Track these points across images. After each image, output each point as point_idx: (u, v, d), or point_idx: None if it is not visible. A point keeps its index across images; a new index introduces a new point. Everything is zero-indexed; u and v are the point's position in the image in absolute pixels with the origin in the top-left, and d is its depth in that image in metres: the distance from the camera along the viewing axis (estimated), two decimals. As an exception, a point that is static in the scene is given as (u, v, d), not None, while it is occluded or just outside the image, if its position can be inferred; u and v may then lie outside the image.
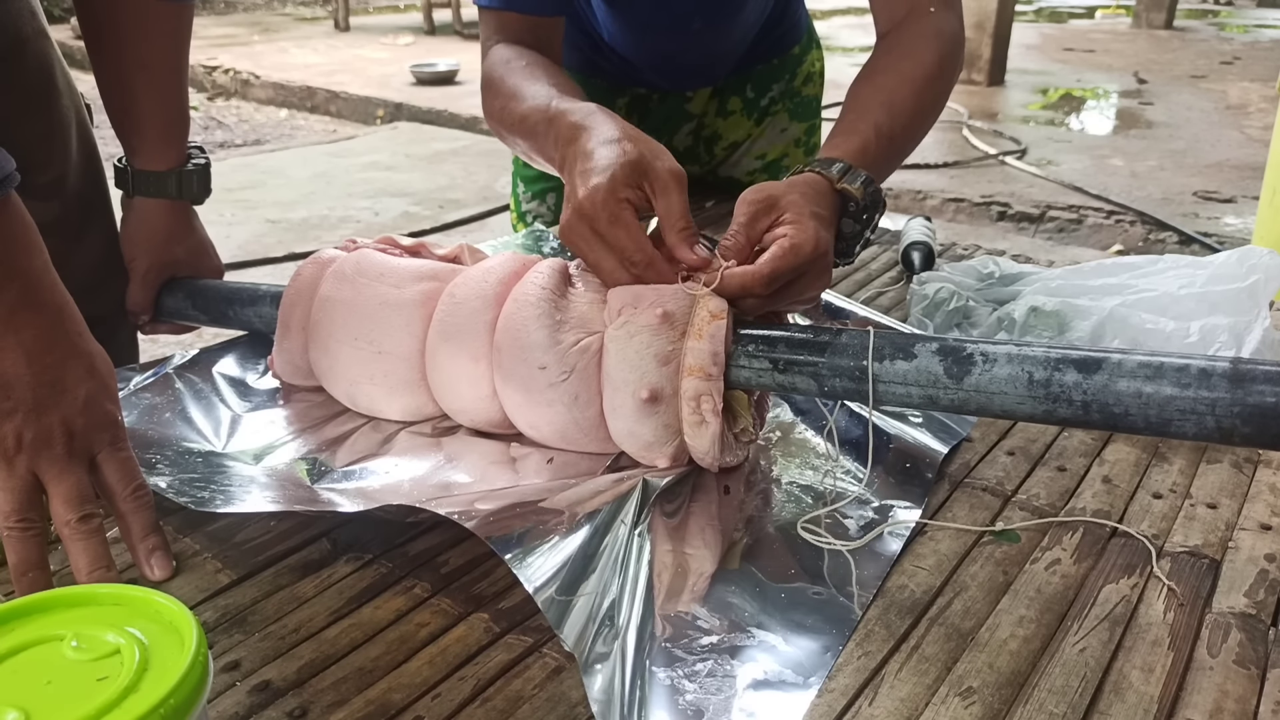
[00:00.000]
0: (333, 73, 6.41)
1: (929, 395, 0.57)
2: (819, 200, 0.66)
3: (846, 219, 0.70)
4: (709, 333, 0.60)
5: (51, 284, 0.57)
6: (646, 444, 0.62)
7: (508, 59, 0.87)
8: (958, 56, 0.83)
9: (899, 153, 0.77)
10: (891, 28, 0.84)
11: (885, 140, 0.73)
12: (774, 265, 0.61)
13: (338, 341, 0.71)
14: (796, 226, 0.63)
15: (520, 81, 0.82)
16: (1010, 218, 3.64)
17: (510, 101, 0.81)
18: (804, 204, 0.64)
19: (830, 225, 0.67)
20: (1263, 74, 6.03)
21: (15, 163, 0.55)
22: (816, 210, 0.65)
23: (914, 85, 0.78)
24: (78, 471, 0.55)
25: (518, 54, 0.87)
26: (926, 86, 0.78)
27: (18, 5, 0.80)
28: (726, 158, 1.25)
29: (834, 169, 0.69)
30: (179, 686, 0.35)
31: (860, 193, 0.69)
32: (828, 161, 0.70)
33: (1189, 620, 0.52)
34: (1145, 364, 0.51)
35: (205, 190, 0.89)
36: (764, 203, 0.64)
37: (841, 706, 0.46)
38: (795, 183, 0.67)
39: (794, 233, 0.62)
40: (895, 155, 0.76)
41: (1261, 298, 0.74)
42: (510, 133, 0.82)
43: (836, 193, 0.69)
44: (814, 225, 0.63)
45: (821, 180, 0.69)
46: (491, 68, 0.88)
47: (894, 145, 0.75)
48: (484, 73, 0.90)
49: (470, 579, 0.56)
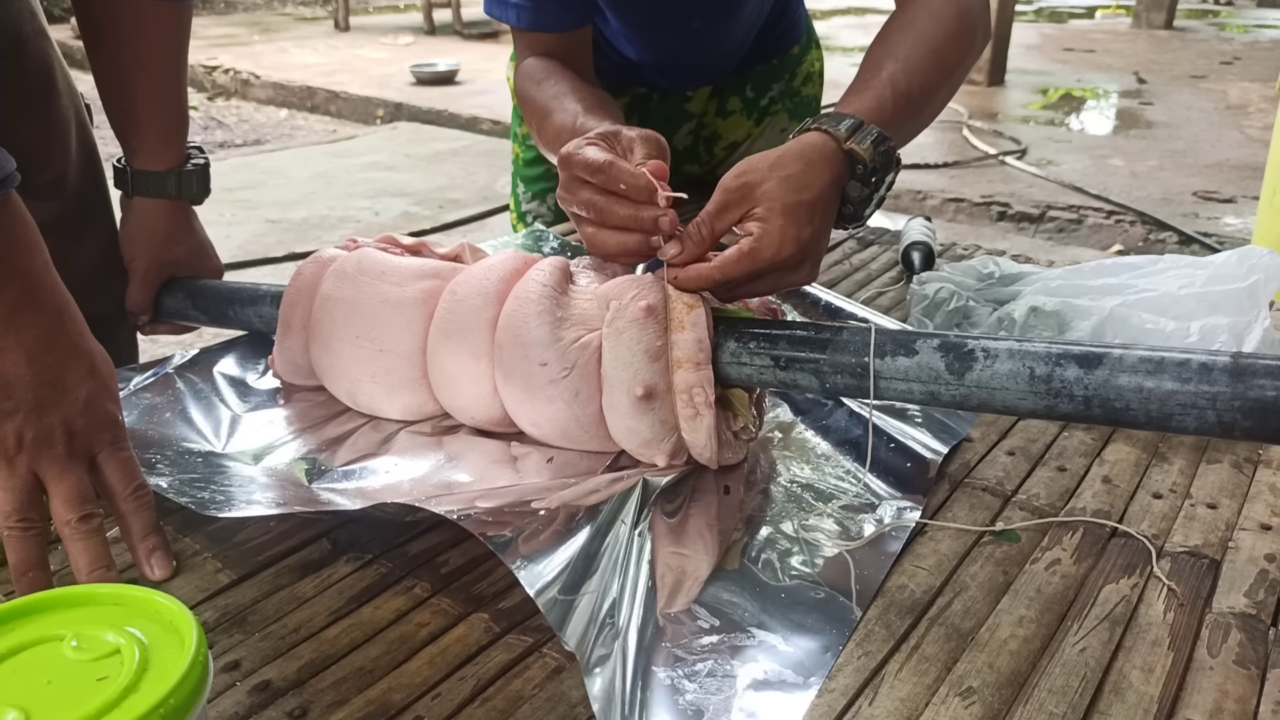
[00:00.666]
0: (333, 73, 6.41)
1: (930, 391, 0.57)
2: (808, 177, 0.62)
3: (854, 182, 0.66)
4: (689, 322, 0.61)
5: (52, 284, 0.57)
6: (644, 441, 0.62)
7: (537, 77, 0.89)
8: (980, 19, 0.78)
9: (917, 113, 0.72)
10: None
11: (902, 98, 0.69)
12: (724, 271, 0.60)
13: (339, 340, 0.71)
14: (762, 226, 0.60)
15: (549, 100, 0.84)
16: (1010, 218, 3.64)
17: (543, 121, 0.84)
18: (781, 194, 0.61)
19: (819, 207, 0.63)
20: (1263, 74, 6.03)
21: (15, 162, 0.55)
22: (796, 199, 0.61)
23: (932, 42, 0.73)
24: (78, 471, 0.55)
25: (545, 69, 0.90)
26: (946, 44, 0.74)
27: (18, 5, 0.80)
28: (726, 157, 1.25)
29: (842, 126, 0.65)
30: (179, 686, 0.35)
31: (869, 153, 0.64)
32: (836, 118, 0.66)
33: (1189, 620, 0.52)
34: (1146, 359, 0.51)
35: (205, 190, 0.89)
36: (737, 192, 0.62)
37: (841, 706, 0.46)
38: (785, 157, 0.63)
39: (757, 234, 0.60)
40: (913, 115, 0.71)
41: (1261, 298, 0.74)
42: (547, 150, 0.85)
43: (844, 153, 0.65)
44: (781, 225, 0.60)
45: (826, 141, 0.64)
46: (522, 85, 0.90)
47: (911, 104, 0.70)
48: (516, 87, 0.93)
49: (470, 579, 0.56)
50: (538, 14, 0.91)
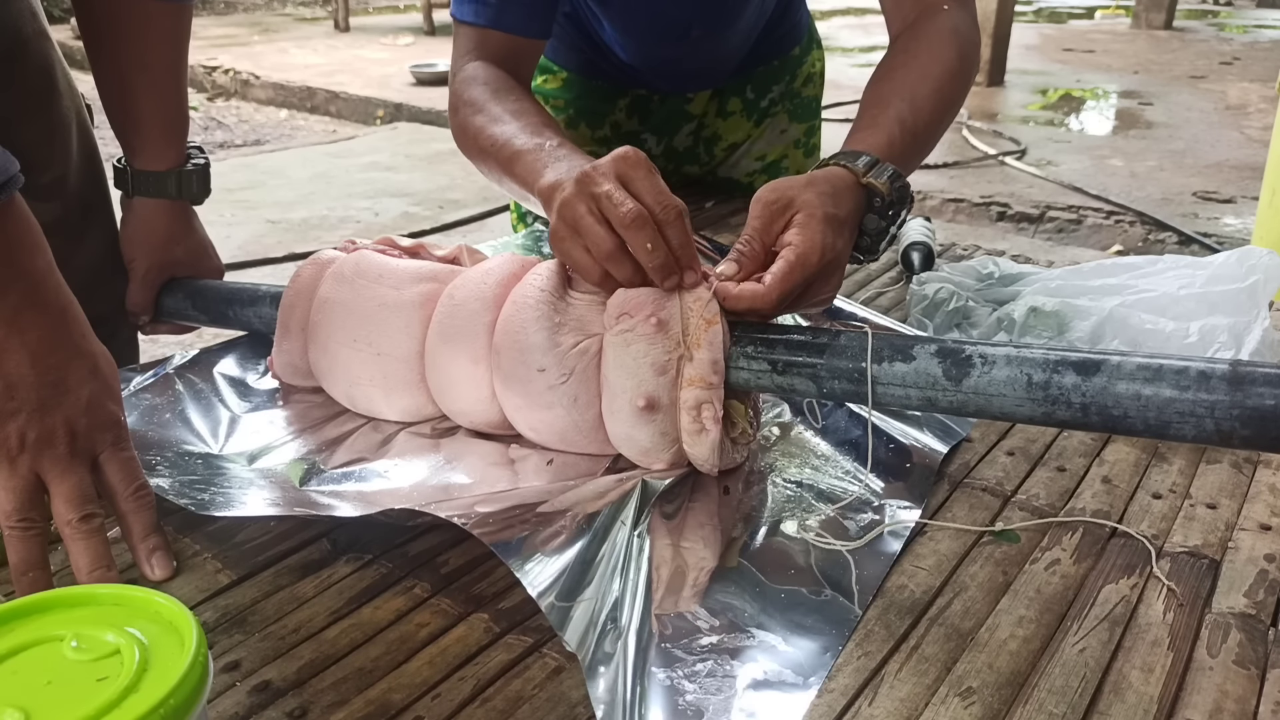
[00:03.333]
0: (333, 73, 6.41)
1: (928, 397, 0.57)
2: (838, 198, 0.64)
3: (871, 215, 0.68)
4: (706, 340, 0.60)
5: (55, 285, 0.57)
6: (644, 449, 0.62)
7: (484, 79, 0.84)
8: (974, 55, 0.81)
9: (921, 149, 0.75)
10: (905, 28, 0.82)
11: (909, 135, 0.71)
12: (782, 288, 0.60)
13: (337, 343, 0.71)
14: (804, 233, 0.61)
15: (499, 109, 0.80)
16: (1010, 218, 3.64)
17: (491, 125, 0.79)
18: (818, 204, 0.63)
19: (846, 226, 0.65)
20: (1262, 74, 6.03)
21: (19, 164, 0.55)
22: (832, 211, 0.63)
23: (935, 81, 0.76)
24: (80, 471, 0.55)
25: (493, 75, 0.85)
26: (947, 82, 0.76)
27: (18, 5, 0.80)
28: (726, 158, 1.25)
29: (859, 162, 0.67)
30: (179, 686, 0.35)
31: (886, 188, 0.66)
32: (853, 155, 0.68)
33: (1189, 620, 0.52)
34: (1144, 366, 0.51)
35: (205, 190, 0.89)
36: (779, 203, 0.63)
37: (841, 706, 0.46)
38: (816, 179, 0.65)
39: (800, 241, 0.61)
40: (918, 151, 0.74)
41: (1261, 298, 0.74)
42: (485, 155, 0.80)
43: (862, 188, 0.67)
44: (822, 231, 0.62)
45: (846, 175, 0.66)
46: (466, 86, 0.85)
47: (917, 141, 0.73)
48: (456, 90, 0.86)
49: (470, 579, 0.56)
50: (500, 13, 0.88)
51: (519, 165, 0.74)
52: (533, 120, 0.78)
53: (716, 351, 0.60)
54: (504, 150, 0.76)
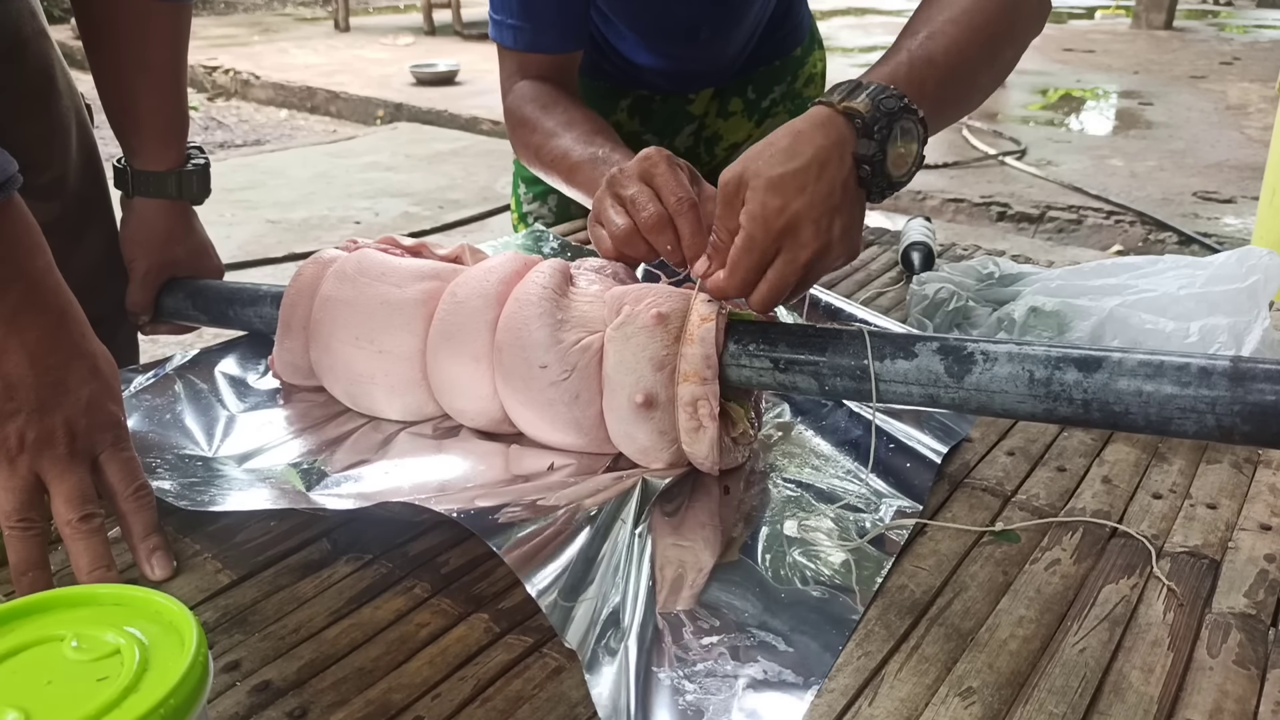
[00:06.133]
0: (333, 73, 6.41)
1: (930, 394, 0.57)
2: (796, 148, 0.59)
3: (860, 139, 0.61)
4: (699, 336, 0.60)
5: (55, 285, 0.57)
6: (643, 448, 0.62)
7: (532, 96, 0.91)
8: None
9: (949, 77, 0.66)
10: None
11: (922, 62, 0.65)
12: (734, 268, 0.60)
13: (339, 341, 0.71)
14: (749, 208, 0.59)
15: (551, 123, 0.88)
16: (1010, 218, 3.64)
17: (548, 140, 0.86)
18: (765, 169, 0.59)
19: (811, 174, 0.59)
20: (1262, 74, 6.03)
21: (18, 164, 0.55)
22: (782, 170, 0.58)
23: (958, 8, 0.68)
24: (80, 471, 0.55)
25: (540, 91, 0.92)
26: (977, 8, 0.68)
27: (18, 5, 0.80)
28: (727, 158, 1.25)
29: (837, 91, 0.62)
30: (179, 686, 0.35)
31: (866, 105, 0.60)
32: (833, 89, 0.63)
33: (1189, 620, 0.52)
34: (1145, 362, 0.51)
35: (205, 190, 0.89)
36: (731, 183, 0.60)
37: (841, 706, 0.46)
38: (774, 137, 0.61)
39: (744, 217, 0.59)
40: (941, 77, 0.65)
41: (1261, 298, 0.74)
42: (549, 168, 0.87)
43: (841, 114, 0.61)
44: (764, 198, 0.58)
45: (819, 110, 0.61)
46: (518, 106, 0.91)
47: (933, 66, 0.65)
48: (509, 110, 0.94)
49: (470, 579, 0.56)
50: (536, 36, 0.94)
51: (578, 178, 0.83)
52: (584, 130, 0.86)
53: (709, 347, 0.60)
54: (562, 164, 0.85)
